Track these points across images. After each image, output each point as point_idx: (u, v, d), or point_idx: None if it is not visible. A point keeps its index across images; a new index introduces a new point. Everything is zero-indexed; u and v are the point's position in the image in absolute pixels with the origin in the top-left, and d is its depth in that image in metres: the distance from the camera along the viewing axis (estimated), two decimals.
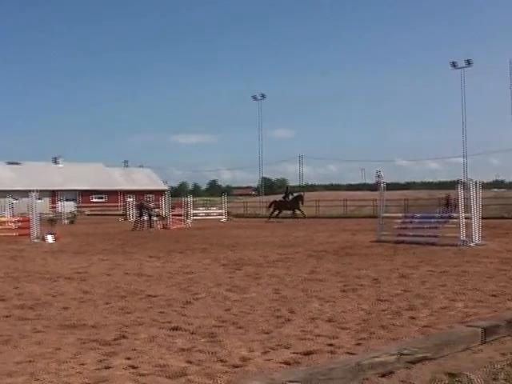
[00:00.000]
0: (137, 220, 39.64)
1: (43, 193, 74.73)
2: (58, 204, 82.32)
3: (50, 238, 27.79)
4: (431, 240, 21.90)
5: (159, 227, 39.06)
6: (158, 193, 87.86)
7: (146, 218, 38.88)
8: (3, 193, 68.79)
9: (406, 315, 9.24)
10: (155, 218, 40.03)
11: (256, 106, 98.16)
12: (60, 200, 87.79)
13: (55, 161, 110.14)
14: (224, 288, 12.47)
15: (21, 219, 34.04)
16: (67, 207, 66.86)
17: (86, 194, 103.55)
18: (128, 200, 69.39)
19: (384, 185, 26.68)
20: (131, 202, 59.56)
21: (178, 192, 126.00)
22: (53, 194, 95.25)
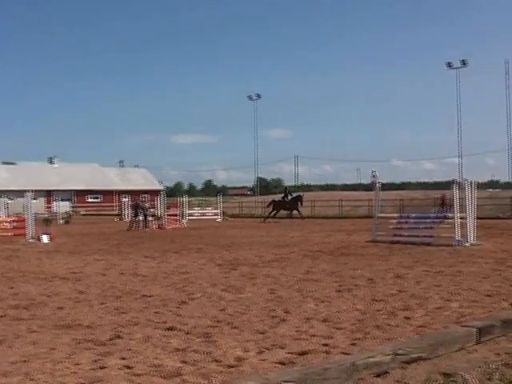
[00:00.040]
0: (132, 220, 39.61)
1: (38, 193, 74.52)
2: (54, 204, 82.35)
3: (46, 238, 27.78)
4: (426, 240, 21.94)
5: (154, 227, 39.04)
6: (154, 193, 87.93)
7: (142, 218, 38.86)
8: None
9: (401, 315, 9.25)
10: (150, 218, 40.00)
11: (252, 106, 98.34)
12: (55, 200, 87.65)
13: (50, 161, 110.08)
14: (219, 288, 12.47)
15: (16, 219, 33.98)
16: (62, 207, 66.90)
17: (82, 194, 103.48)
18: (123, 200, 69.37)
19: (379, 185, 26.70)
20: (126, 202, 59.48)
21: (174, 192, 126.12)
22: (48, 194, 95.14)
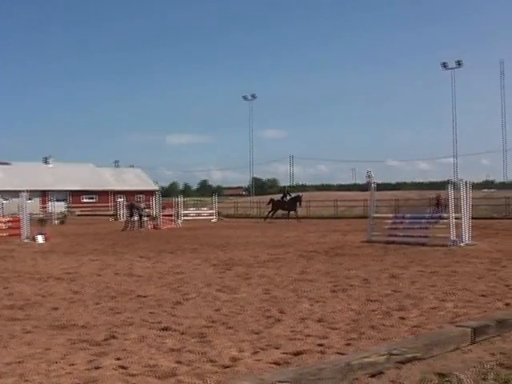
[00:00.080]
0: (127, 220, 39.62)
1: (33, 193, 74.54)
2: (49, 204, 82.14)
3: (41, 239, 27.74)
4: (421, 240, 21.95)
5: (150, 227, 39.06)
6: (149, 193, 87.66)
7: (137, 219, 38.88)
8: None
9: (396, 315, 9.26)
10: (146, 219, 40.03)
11: (247, 107, 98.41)
12: (50, 200, 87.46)
13: (46, 161, 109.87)
14: (214, 288, 12.47)
15: (11, 219, 33.86)
16: (58, 207, 66.66)
17: (77, 195, 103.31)
18: (118, 200, 69.30)
19: (374, 185, 26.73)
20: (122, 202, 59.46)
21: (169, 192, 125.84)
22: (43, 195, 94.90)
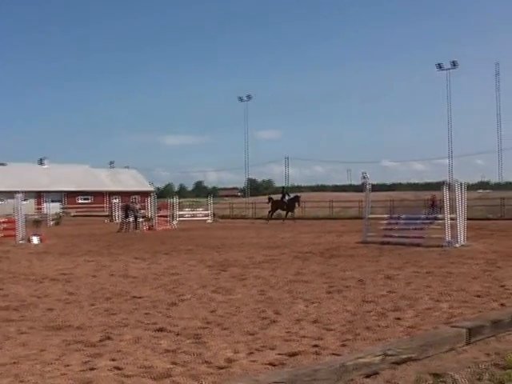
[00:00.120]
0: (122, 221, 39.58)
1: (29, 194, 74.36)
2: (44, 205, 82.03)
3: (36, 240, 27.74)
4: (416, 241, 21.95)
5: (145, 228, 39.03)
6: (144, 194, 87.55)
7: (132, 220, 38.81)
8: None
9: (391, 316, 9.27)
10: (141, 220, 40.00)
11: (242, 107, 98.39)
12: (46, 201, 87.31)
13: (41, 162, 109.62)
14: (209, 289, 12.47)
15: (6, 220, 33.80)
16: (53, 208, 66.53)
17: (72, 196, 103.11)
18: (114, 201, 69.19)
19: (370, 186, 26.74)
20: (117, 204, 59.35)
21: (164, 193, 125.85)
22: (38, 196, 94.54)
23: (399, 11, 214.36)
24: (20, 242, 27.73)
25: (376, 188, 42.48)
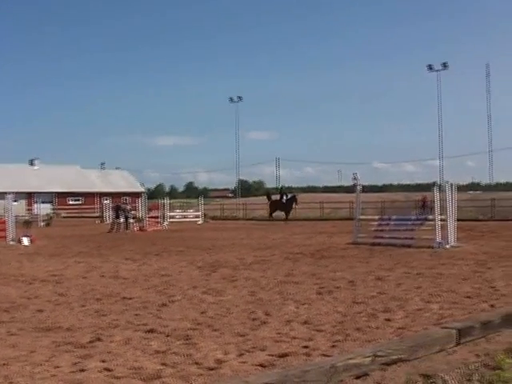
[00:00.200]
0: (113, 222, 39.51)
1: (19, 195, 74.25)
2: (34, 206, 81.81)
3: (26, 241, 27.66)
4: (407, 242, 21.97)
5: (135, 229, 39.01)
6: (135, 195, 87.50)
7: (123, 220, 38.77)
8: None
9: (382, 317, 9.28)
10: (132, 220, 39.96)
11: (233, 108, 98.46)
12: (36, 202, 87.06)
13: (31, 163, 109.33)
14: (200, 290, 12.47)
15: None
16: (43, 209, 66.41)
17: (63, 196, 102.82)
18: (105, 202, 69.03)
19: (360, 187, 26.78)
20: (108, 204, 59.24)
21: (155, 194, 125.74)
22: (29, 197, 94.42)
23: (396, 12, 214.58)
24: (10, 243, 27.66)
25: (367, 189, 42.61)
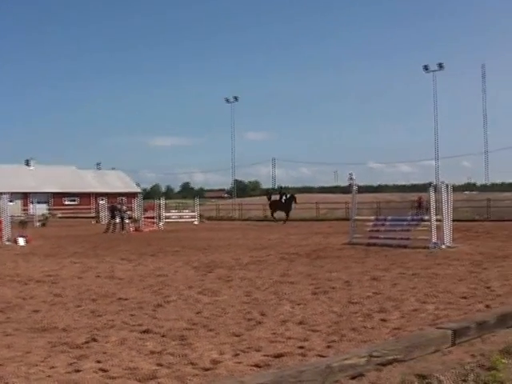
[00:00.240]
0: (109, 222, 39.50)
1: (15, 195, 74.13)
2: (30, 206, 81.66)
3: (22, 241, 27.63)
4: (403, 243, 21.97)
5: (131, 230, 38.98)
6: (131, 195, 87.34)
7: (119, 221, 38.75)
8: None
9: (377, 317, 9.28)
10: (127, 221, 39.95)
11: (229, 109, 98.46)
12: (32, 202, 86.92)
13: (27, 163, 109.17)
14: (195, 291, 12.46)
15: None
16: (39, 210, 66.25)
17: (59, 197, 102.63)
18: (100, 202, 68.91)
19: (356, 187, 26.79)
20: (103, 205, 59.15)
21: (151, 194, 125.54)
22: (25, 197, 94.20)
23: (393, 12, 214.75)
24: (6, 244, 27.60)
25: (362, 189, 42.62)
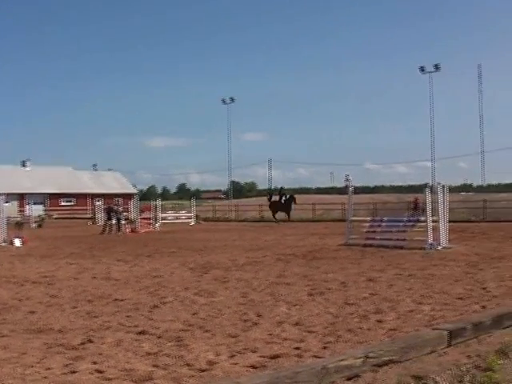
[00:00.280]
0: (105, 224, 39.43)
1: (11, 196, 74.01)
2: (26, 207, 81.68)
3: (18, 242, 27.60)
4: (399, 243, 21.98)
5: (128, 231, 38.93)
6: (127, 196, 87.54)
7: (115, 222, 38.70)
8: None
9: (373, 319, 9.28)
10: (124, 222, 39.89)
11: (226, 110, 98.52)
12: (28, 203, 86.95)
13: (23, 164, 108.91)
14: (191, 292, 12.45)
15: None
16: (35, 211, 66.29)
17: (55, 198, 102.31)
18: (97, 203, 68.89)
19: (352, 188, 26.80)
20: (100, 206, 59.13)
21: (147, 195, 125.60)
22: (21, 198, 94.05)
23: (391, 13, 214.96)
24: (2, 245, 27.59)
25: (359, 190, 42.62)
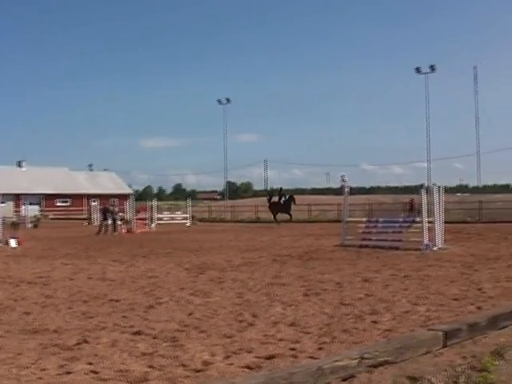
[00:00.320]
0: (101, 224, 39.41)
1: (7, 196, 73.94)
2: (22, 208, 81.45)
3: (13, 243, 27.53)
4: (395, 244, 21.98)
5: (123, 231, 38.93)
6: (123, 197, 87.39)
7: (111, 222, 38.69)
8: None
9: (369, 319, 9.29)
10: (119, 222, 39.90)
11: (222, 110, 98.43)
12: (24, 204, 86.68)
13: (19, 164, 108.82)
14: (187, 292, 12.45)
15: None
16: (31, 211, 66.08)
17: (51, 198, 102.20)
18: (92, 204, 68.86)
19: (348, 189, 26.81)
20: (96, 206, 59.08)
21: (143, 196, 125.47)
22: (16, 198, 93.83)
23: (389, 13, 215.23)
24: None
25: (355, 191, 42.64)
